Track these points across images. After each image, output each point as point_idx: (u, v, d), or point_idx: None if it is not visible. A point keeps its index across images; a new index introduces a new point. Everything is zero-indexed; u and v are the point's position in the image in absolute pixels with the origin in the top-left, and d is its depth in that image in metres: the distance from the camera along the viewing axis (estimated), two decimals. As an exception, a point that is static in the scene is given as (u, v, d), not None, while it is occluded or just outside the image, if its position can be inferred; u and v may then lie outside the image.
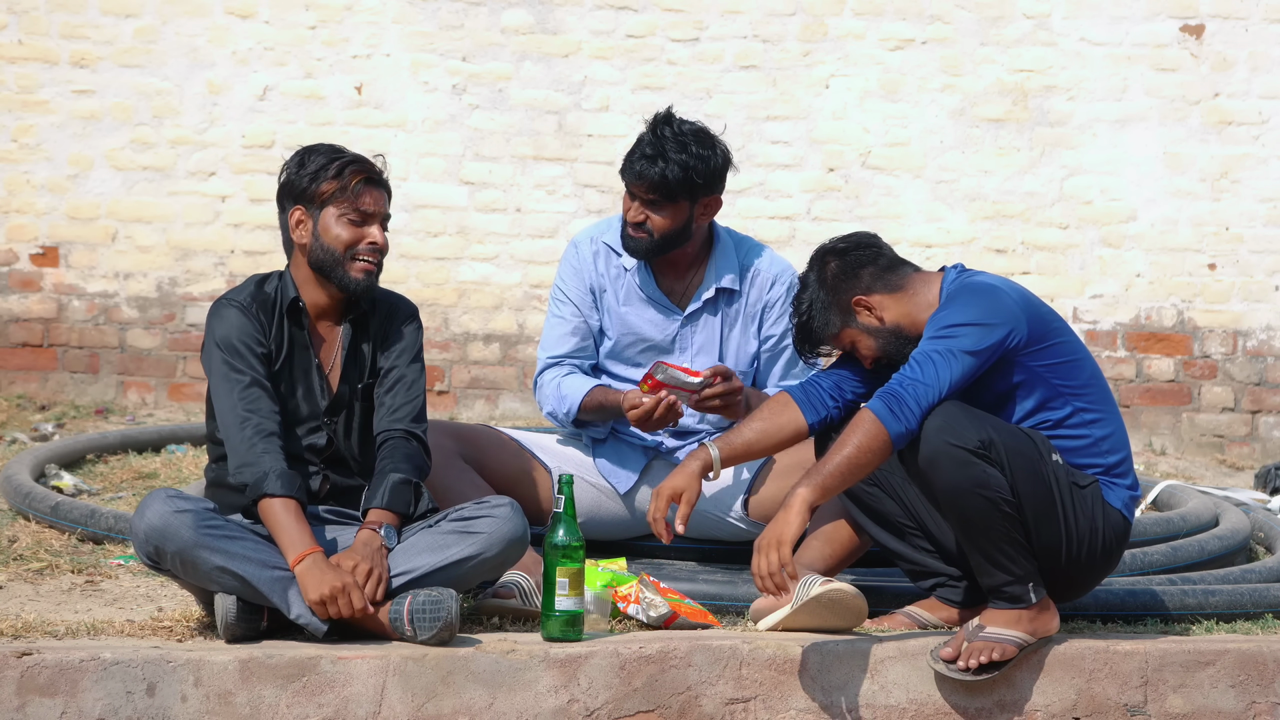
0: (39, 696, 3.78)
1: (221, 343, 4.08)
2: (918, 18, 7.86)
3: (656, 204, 4.59)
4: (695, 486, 4.14)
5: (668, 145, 4.57)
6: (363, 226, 4.16)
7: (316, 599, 3.88)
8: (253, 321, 4.11)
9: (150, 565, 3.96)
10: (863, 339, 4.18)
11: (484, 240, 7.86)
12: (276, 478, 3.95)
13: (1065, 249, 7.90)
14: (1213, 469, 7.60)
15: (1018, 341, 4.06)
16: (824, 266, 4.20)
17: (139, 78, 7.75)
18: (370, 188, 4.18)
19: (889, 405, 3.96)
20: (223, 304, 4.14)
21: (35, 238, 7.76)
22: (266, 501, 3.95)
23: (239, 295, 4.16)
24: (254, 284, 4.20)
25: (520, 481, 4.61)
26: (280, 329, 4.16)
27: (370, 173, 4.19)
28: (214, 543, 3.89)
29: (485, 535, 4.03)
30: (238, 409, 4.04)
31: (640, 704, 4.00)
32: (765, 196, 7.82)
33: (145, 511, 3.91)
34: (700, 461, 4.16)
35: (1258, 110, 7.88)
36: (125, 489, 5.96)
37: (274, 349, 4.13)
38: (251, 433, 4.01)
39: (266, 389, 4.07)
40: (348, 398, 4.20)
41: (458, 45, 7.82)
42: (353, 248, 4.15)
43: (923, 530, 4.30)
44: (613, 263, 4.74)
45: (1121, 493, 4.15)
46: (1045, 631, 4.09)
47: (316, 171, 4.19)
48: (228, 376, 4.07)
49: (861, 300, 4.15)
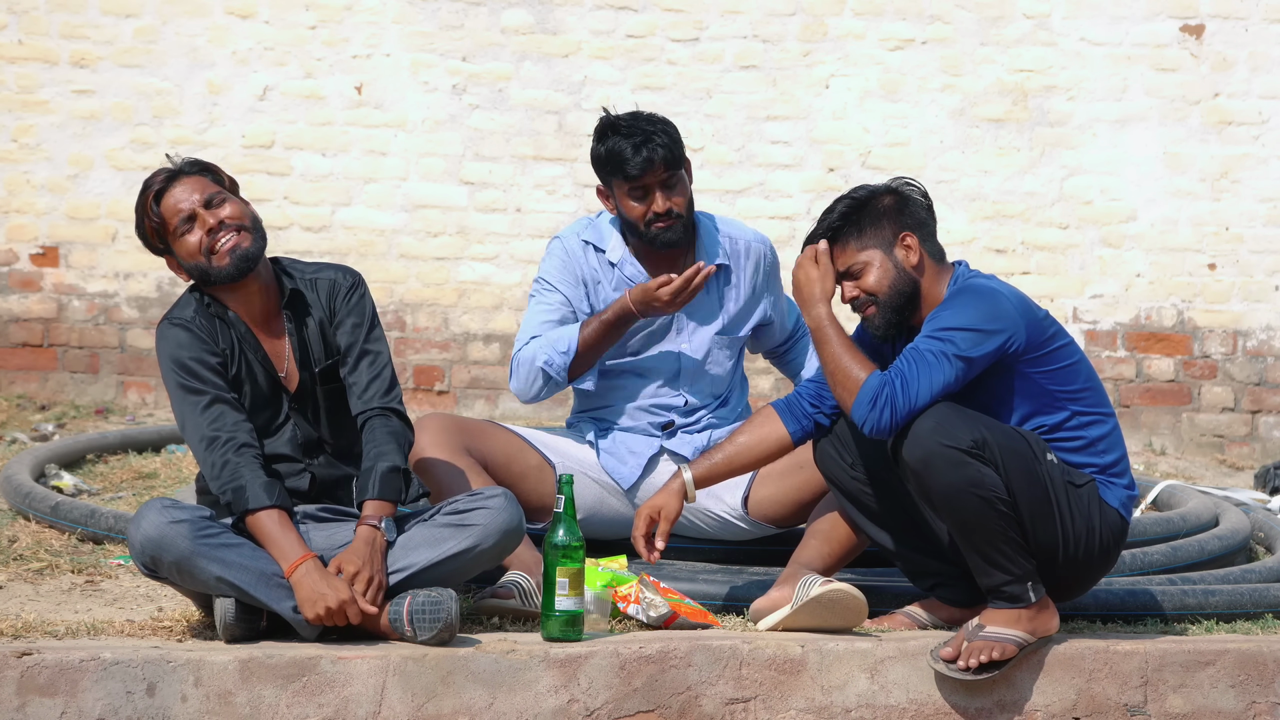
0: (39, 696, 3.78)
1: (174, 363, 4.04)
2: (918, 18, 7.86)
3: (673, 180, 4.60)
4: (675, 504, 4.24)
5: (641, 125, 4.59)
6: (193, 223, 4.07)
7: (312, 616, 3.89)
8: (199, 336, 4.06)
9: (148, 574, 3.96)
10: (881, 269, 4.15)
11: (484, 240, 7.86)
12: (259, 489, 3.93)
13: (1065, 249, 7.90)
14: (1213, 469, 7.60)
15: (1015, 348, 4.06)
16: (904, 195, 4.20)
17: (139, 78, 7.75)
18: (172, 186, 4.08)
19: (875, 394, 3.98)
20: (165, 325, 4.09)
21: (35, 238, 7.76)
22: (252, 517, 3.93)
23: (182, 313, 4.10)
24: (192, 297, 4.13)
25: (525, 476, 4.61)
26: (227, 335, 4.10)
27: (160, 185, 4.07)
28: (211, 552, 3.89)
29: (480, 527, 4.03)
30: (202, 430, 4.00)
31: (640, 704, 4.00)
32: (765, 196, 7.82)
33: (141, 522, 3.90)
34: (681, 480, 4.25)
35: (1258, 110, 7.88)
36: (125, 489, 5.96)
37: (226, 356, 4.08)
38: (221, 452, 3.98)
39: (229, 401, 4.03)
40: (310, 385, 4.16)
41: (458, 45, 7.82)
42: (201, 249, 4.07)
43: (921, 531, 4.30)
44: (600, 257, 4.74)
45: (1119, 492, 4.15)
46: (1045, 631, 4.09)
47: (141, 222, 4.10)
48: (185, 399, 4.03)
49: (909, 239, 4.16)
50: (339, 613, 3.89)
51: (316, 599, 3.88)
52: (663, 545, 4.22)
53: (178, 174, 4.11)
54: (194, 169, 4.13)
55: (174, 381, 4.05)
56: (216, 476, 3.97)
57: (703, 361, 4.74)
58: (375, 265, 7.71)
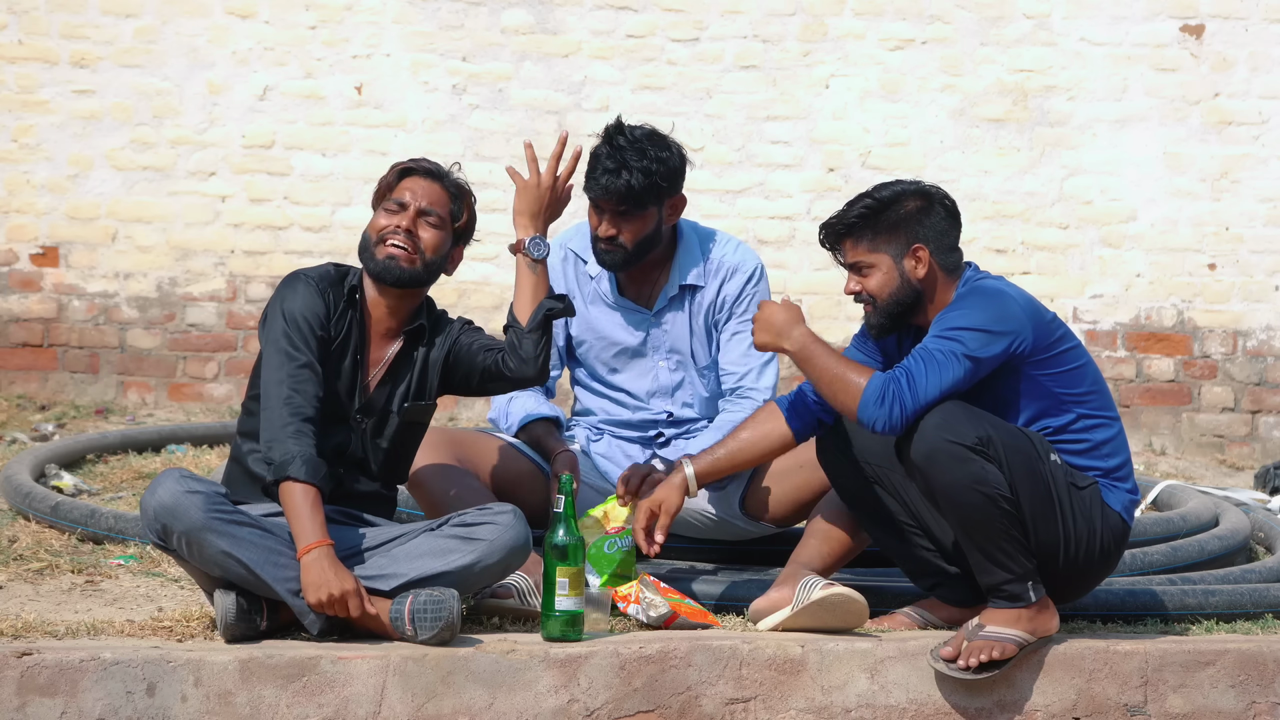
0: (39, 696, 3.78)
1: (286, 314, 4.06)
2: (918, 18, 7.86)
3: (626, 214, 4.58)
4: (675, 499, 4.25)
5: (627, 154, 4.55)
6: (397, 214, 4.19)
7: (314, 601, 3.89)
8: (322, 300, 4.10)
9: (156, 544, 3.96)
10: (889, 276, 4.14)
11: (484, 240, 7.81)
12: (303, 463, 3.93)
13: (1065, 249, 7.90)
14: (1213, 469, 7.60)
15: (1022, 350, 4.06)
16: (930, 202, 4.16)
17: (139, 78, 7.75)
18: (409, 178, 4.22)
19: (881, 392, 3.98)
20: (297, 276, 4.14)
21: (35, 238, 7.75)
22: (288, 485, 3.93)
23: (314, 271, 4.16)
24: (333, 267, 4.22)
25: (517, 484, 4.61)
26: (343, 316, 4.15)
27: (414, 165, 4.24)
28: (222, 527, 3.89)
29: (487, 543, 4.03)
30: (284, 385, 4.01)
31: (640, 704, 4.00)
32: (765, 196, 7.82)
33: (157, 489, 3.91)
34: (682, 474, 4.25)
35: (1258, 110, 7.88)
36: (125, 489, 5.96)
37: (333, 333, 4.12)
38: (290, 412, 3.98)
39: (317, 374, 4.04)
40: (381, 405, 4.18)
41: (458, 45, 7.82)
42: (383, 232, 4.17)
43: (923, 529, 4.30)
44: (580, 269, 4.75)
45: (1121, 495, 4.15)
46: (1045, 631, 4.09)
47: (386, 174, 4.26)
48: (284, 350, 4.04)
49: (922, 250, 4.15)
50: (340, 601, 3.89)
51: (321, 585, 3.88)
52: (663, 539, 4.23)
53: (440, 176, 4.25)
54: (453, 188, 4.26)
55: (279, 329, 4.05)
56: (275, 434, 3.96)
57: (679, 383, 4.74)
58: (375, 265, 7.71)
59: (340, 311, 4.14)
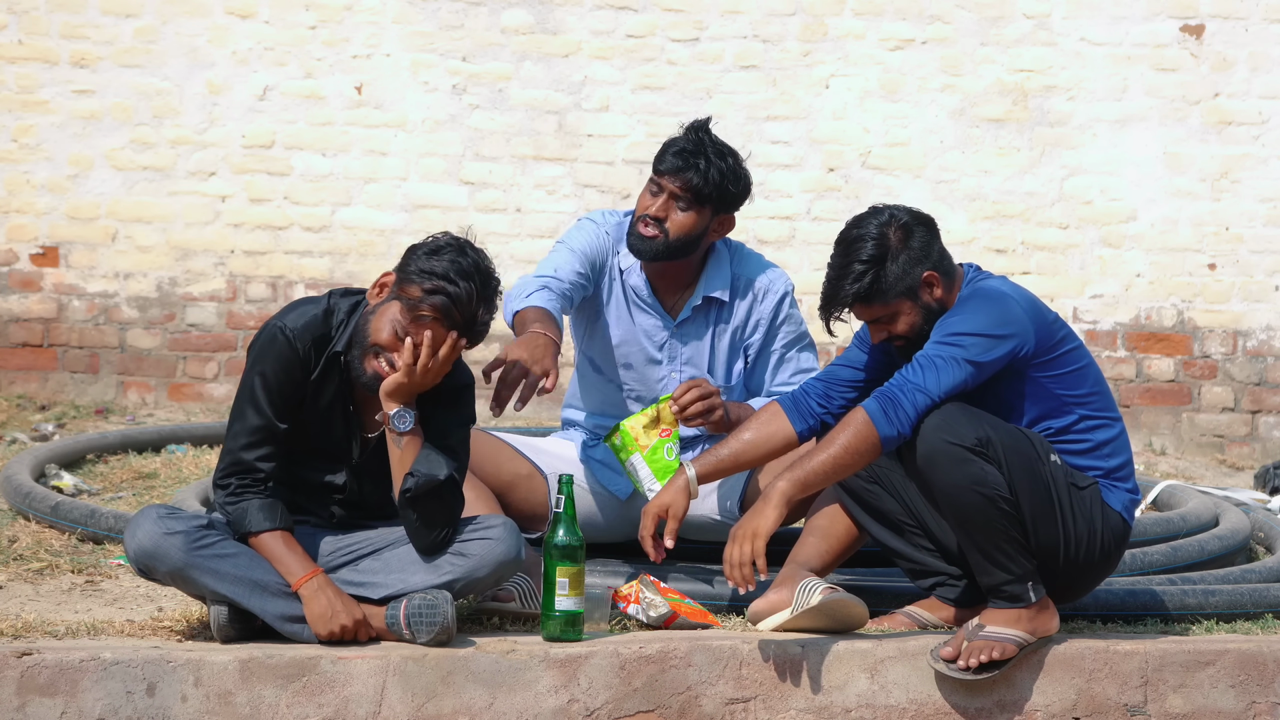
0: (39, 696, 3.78)
1: (259, 375, 3.97)
2: (918, 18, 7.86)
3: (683, 202, 4.54)
4: (681, 502, 4.19)
5: (708, 148, 4.53)
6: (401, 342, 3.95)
7: (325, 634, 3.91)
8: (300, 363, 3.98)
9: (143, 577, 3.97)
10: (913, 314, 4.13)
11: (484, 240, 7.77)
12: (258, 512, 3.92)
13: (1065, 249, 7.90)
14: (1213, 469, 7.60)
15: (1025, 353, 4.06)
16: (907, 227, 4.13)
17: (139, 78, 7.75)
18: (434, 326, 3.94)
19: (884, 408, 3.97)
20: (276, 333, 3.98)
21: (35, 238, 7.76)
22: (255, 539, 3.93)
23: (297, 322, 3.99)
24: (321, 312, 4.03)
25: (514, 485, 4.59)
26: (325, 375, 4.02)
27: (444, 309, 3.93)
28: (204, 563, 3.89)
29: (477, 558, 3.99)
30: (240, 440, 3.97)
31: (640, 704, 4.00)
32: (765, 196, 7.82)
33: (136, 532, 3.89)
34: (684, 476, 4.20)
35: (1258, 110, 7.88)
36: (125, 489, 5.96)
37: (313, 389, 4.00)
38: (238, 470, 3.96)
39: (278, 438, 3.97)
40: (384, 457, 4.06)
41: (458, 45, 7.82)
42: (378, 347, 3.97)
43: (923, 529, 4.30)
44: (614, 261, 4.71)
45: (1122, 495, 4.15)
46: (1045, 631, 4.09)
47: (420, 270, 3.99)
48: (249, 403, 3.97)
49: (932, 276, 4.13)
50: (351, 631, 3.91)
51: (330, 617, 3.90)
52: (671, 544, 4.17)
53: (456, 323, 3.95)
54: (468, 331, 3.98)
55: (255, 384, 3.97)
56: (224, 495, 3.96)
57: None
58: (375, 265, 7.71)
59: (322, 369, 4.02)
